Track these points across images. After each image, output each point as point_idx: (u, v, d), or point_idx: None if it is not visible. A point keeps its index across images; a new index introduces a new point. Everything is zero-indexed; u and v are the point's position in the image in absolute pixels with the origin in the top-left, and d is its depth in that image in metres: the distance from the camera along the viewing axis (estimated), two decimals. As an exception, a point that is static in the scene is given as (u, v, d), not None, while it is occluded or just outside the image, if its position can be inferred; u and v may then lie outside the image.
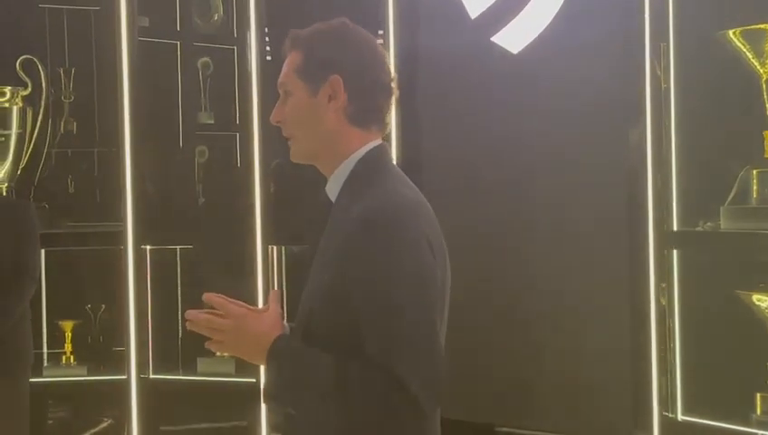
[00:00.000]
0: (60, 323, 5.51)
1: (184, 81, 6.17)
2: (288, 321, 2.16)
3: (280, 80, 2.14)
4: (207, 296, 2.05)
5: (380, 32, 4.89)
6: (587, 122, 4.36)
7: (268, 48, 5.26)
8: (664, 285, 4.39)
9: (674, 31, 4.38)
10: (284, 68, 2.14)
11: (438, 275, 2.00)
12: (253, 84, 5.10)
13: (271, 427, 4.96)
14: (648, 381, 4.27)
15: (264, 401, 4.60)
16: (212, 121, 6.21)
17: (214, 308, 2.04)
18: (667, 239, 4.35)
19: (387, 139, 2.08)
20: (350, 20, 2.16)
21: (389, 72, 2.15)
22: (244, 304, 2.08)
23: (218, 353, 5.09)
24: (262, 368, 2.08)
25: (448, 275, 2.07)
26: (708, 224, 4.25)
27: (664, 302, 4.41)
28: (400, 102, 4.80)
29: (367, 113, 2.11)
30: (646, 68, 4.29)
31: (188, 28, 6.14)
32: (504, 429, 4.82)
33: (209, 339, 2.05)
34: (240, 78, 5.90)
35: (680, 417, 4.35)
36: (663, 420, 4.27)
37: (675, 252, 4.39)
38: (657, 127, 4.33)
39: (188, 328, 2.04)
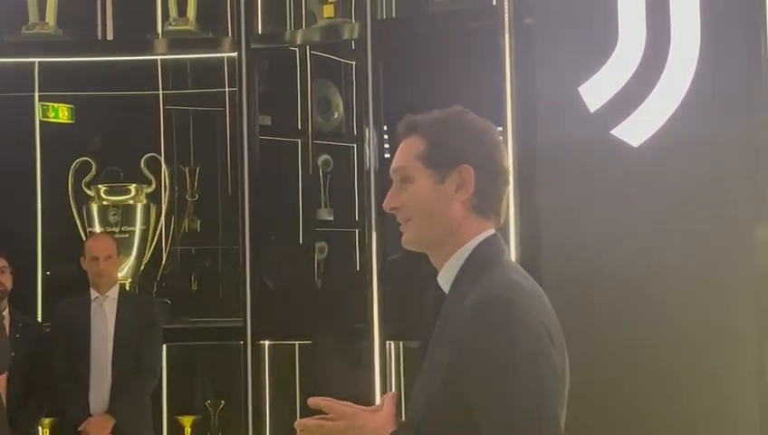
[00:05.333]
0: (180, 418, 5.53)
1: (304, 178, 6.25)
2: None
3: (396, 165, 2.07)
4: (313, 401, 2.01)
5: (500, 128, 4.87)
6: (710, 219, 4.22)
7: (387, 145, 5.29)
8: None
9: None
10: (401, 153, 2.07)
11: (558, 364, 1.91)
12: (371, 181, 5.13)
13: None
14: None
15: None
16: (331, 218, 6.26)
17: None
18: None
19: (505, 233, 2.05)
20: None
21: (507, 160, 2.11)
22: (351, 404, 2.03)
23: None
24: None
25: (567, 369, 1.97)
26: None
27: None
28: (520, 195, 4.78)
29: (490, 202, 2.05)
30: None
31: (309, 126, 6.23)
32: None
33: None
34: (359, 175, 5.95)
35: None
36: None
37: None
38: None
39: None
